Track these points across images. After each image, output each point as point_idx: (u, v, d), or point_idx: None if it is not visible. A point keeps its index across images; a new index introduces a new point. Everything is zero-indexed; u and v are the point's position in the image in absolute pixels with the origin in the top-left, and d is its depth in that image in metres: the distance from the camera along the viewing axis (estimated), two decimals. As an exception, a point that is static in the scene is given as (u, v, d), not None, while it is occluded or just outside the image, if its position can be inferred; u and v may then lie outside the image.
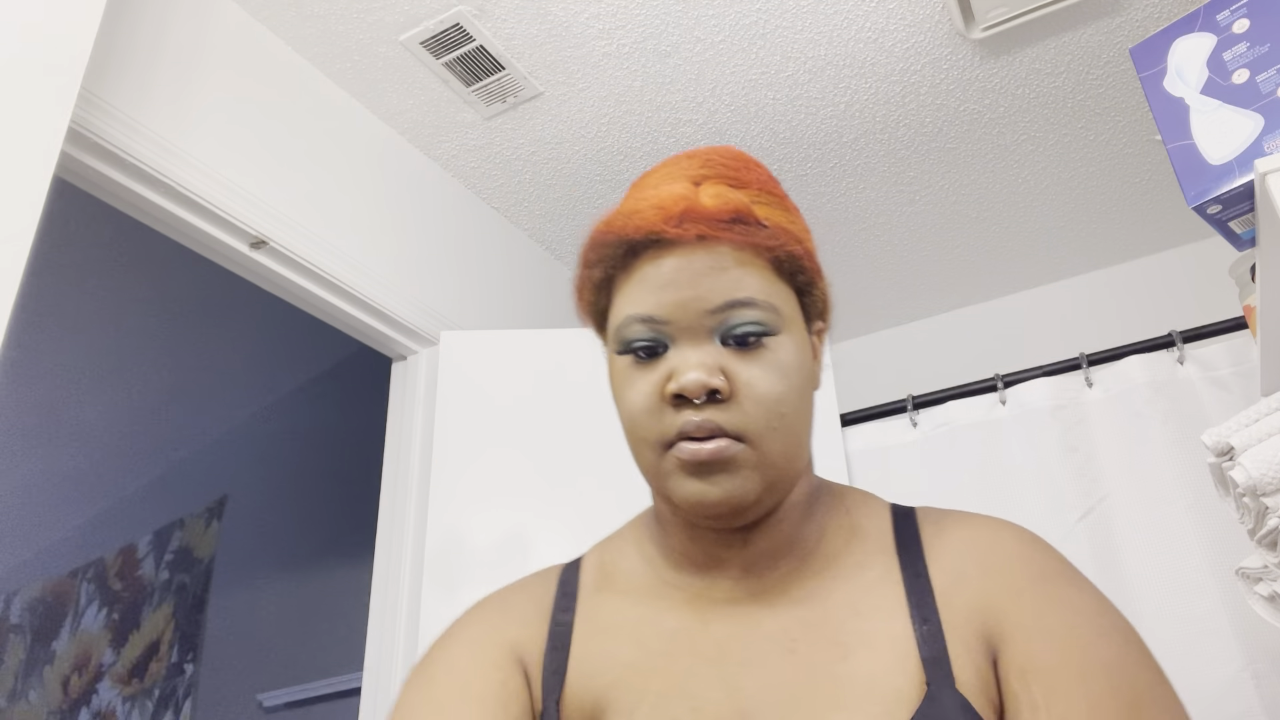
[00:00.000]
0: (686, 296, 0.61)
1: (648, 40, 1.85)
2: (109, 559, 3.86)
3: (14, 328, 1.08)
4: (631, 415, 0.63)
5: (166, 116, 1.52)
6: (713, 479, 0.60)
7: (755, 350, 0.61)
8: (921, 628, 0.61)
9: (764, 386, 0.61)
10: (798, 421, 0.63)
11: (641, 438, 0.63)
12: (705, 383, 0.59)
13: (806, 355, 0.66)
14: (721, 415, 0.60)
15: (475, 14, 1.77)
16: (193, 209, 1.56)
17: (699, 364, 0.60)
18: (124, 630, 3.62)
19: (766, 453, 0.61)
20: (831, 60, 1.91)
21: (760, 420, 0.60)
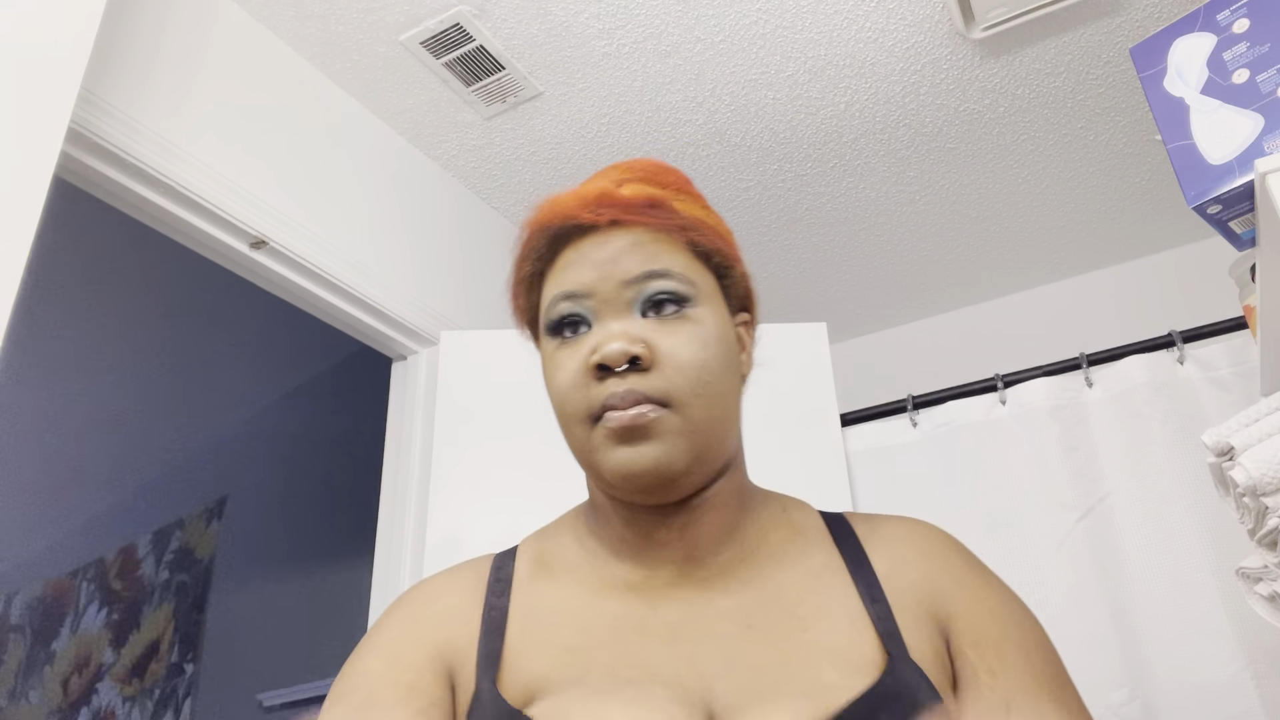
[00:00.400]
0: (605, 270, 0.64)
1: (648, 40, 1.85)
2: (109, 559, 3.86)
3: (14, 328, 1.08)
4: (560, 393, 0.65)
5: (166, 116, 1.52)
6: (638, 446, 0.61)
7: (675, 320, 0.63)
8: (872, 606, 0.63)
9: (686, 353, 0.62)
10: (723, 393, 0.64)
11: (570, 414, 0.64)
12: (626, 350, 0.60)
13: (728, 333, 0.68)
14: (644, 382, 0.61)
15: (475, 14, 1.77)
16: (193, 209, 1.56)
17: (620, 333, 0.62)
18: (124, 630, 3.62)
19: (691, 418, 0.62)
20: (831, 60, 1.91)
21: (683, 385, 0.61)
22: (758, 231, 2.42)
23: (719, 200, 2.30)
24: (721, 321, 0.67)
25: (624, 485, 0.63)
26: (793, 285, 2.65)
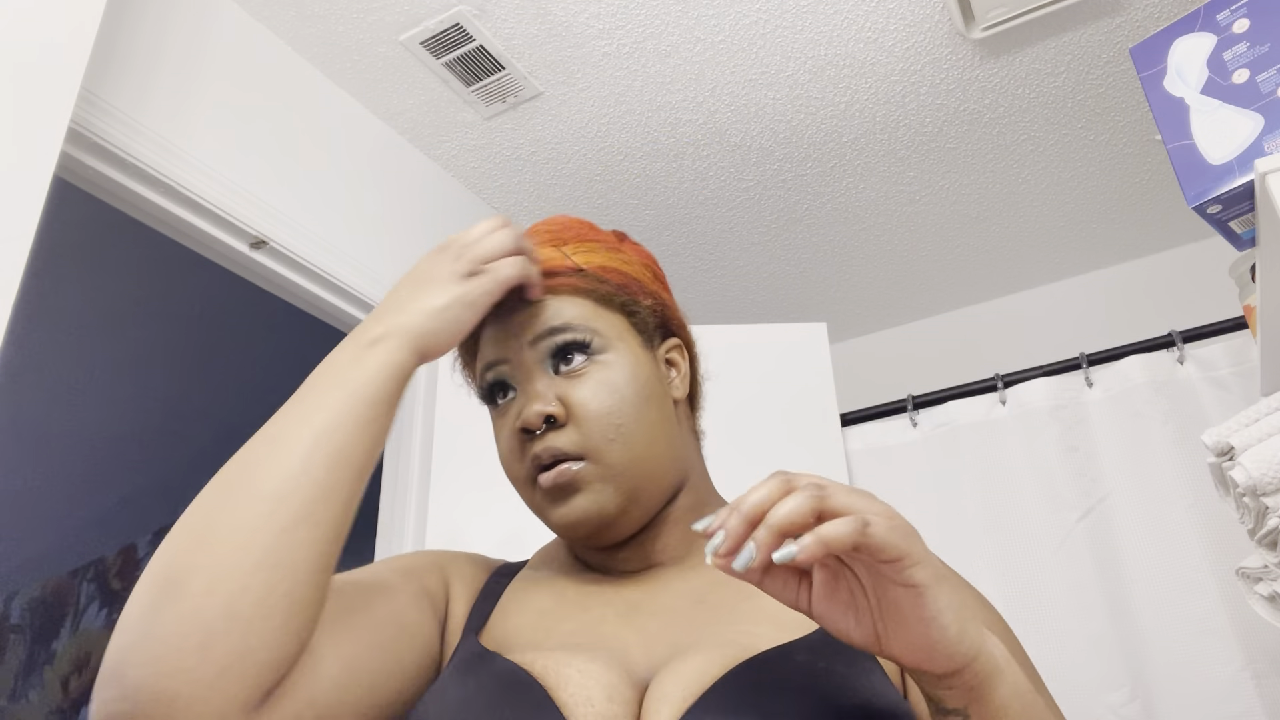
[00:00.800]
0: (514, 336, 0.69)
1: (648, 40, 1.85)
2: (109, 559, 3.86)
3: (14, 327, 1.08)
4: (504, 461, 0.71)
5: (166, 116, 1.52)
6: (569, 501, 0.66)
7: (584, 371, 0.68)
8: None
9: (595, 403, 0.67)
10: (641, 430, 0.68)
11: (514, 479, 0.70)
12: (540, 411, 0.66)
13: (644, 369, 0.71)
14: (560, 439, 0.66)
15: (475, 14, 1.77)
16: (193, 209, 1.56)
17: (535, 395, 0.67)
18: (124, 630, 3.61)
19: (611, 465, 0.66)
20: (831, 60, 1.91)
21: (596, 435, 0.66)
22: (758, 231, 2.42)
23: (719, 200, 2.30)
24: (634, 359, 0.70)
25: (569, 536, 0.69)
26: (793, 285, 2.65)
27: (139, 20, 1.52)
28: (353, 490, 0.58)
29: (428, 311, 0.64)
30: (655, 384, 0.72)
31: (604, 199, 2.28)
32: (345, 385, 0.61)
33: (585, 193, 2.25)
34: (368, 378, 0.61)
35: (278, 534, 0.53)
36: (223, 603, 0.50)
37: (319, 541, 0.55)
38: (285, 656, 0.52)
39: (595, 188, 2.24)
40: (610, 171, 2.19)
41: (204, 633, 0.49)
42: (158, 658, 0.49)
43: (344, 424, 0.58)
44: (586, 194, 2.26)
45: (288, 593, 0.52)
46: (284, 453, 0.57)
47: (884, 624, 0.48)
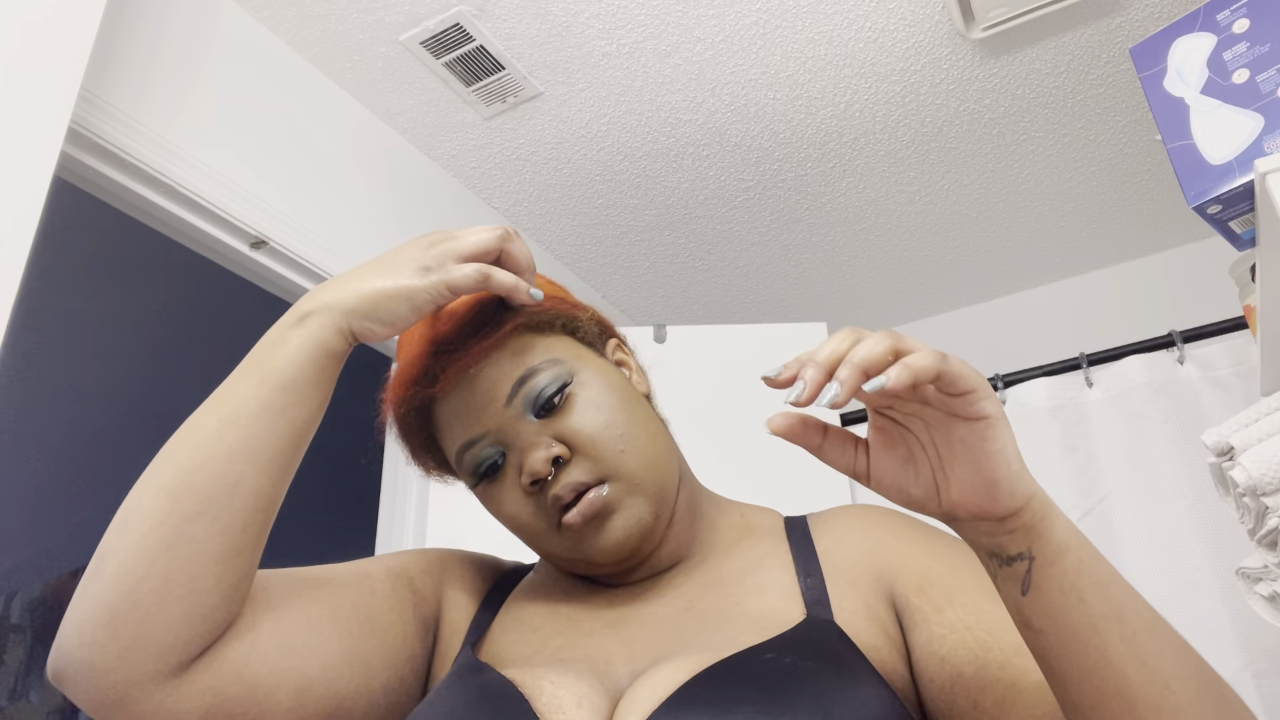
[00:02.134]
0: (482, 408, 0.66)
1: (648, 40, 1.85)
2: (109, 559, 3.86)
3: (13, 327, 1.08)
4: (516, 525, 0.68)
5: (166, 116, 1.52)
6: (606, 526, 0.65)
7: (565, 404, 0.66)
8: (805, 580, 0.66)
9: (590, 424, 0.66)
10: (639, 430, 0.68)
11: (534, 534, 0.68)
12: (546, 456, 0.64)
13: (612, 376, 0.70)
14: (576, 471, 0.64)
15: (475, 14, 1.77)
16: (193, 209, 1.56)
17: (531, 445, 0.65)
18: (124, 630, 3.61)
19: (631, 474, 0.65)
20: (831, 60, 1.91)
21: (607, 453, 0.65)
22: (758, 231, 2.42)
23: (719, 200, 2.30)
24: (600, 371, 0.70)
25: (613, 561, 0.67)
26: (793, 285, 2.65)
27: (139, 20, 1.52)
28: (260, 481, 0.58)
29: (364, 292, 0.62)
30: (627, 386, 0.71)
31: (604, 199, 2.28)
32: (260, 369, 0.60)
33: (585, 193, 2.25)
34: (284, 361, 0.60)
35: (177, 526, 0.55)
36: (127, 588, 0.54)
37: (221, 533, 0.56)
38: (192, 638, 0.55)
39: (595, 188, 2.24)
40: (610, 171, 2.19)
41: (110, 612, 0.54)
42: (79, 629, 0.54)
43: (251, 412, 0.58)
44: (586, 194, 2.26)
45: (187, 582, 0.55)
46: (189, 444, 0.58)
47: (945, 471, 0.49)
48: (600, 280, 2.60)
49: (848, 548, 0.68)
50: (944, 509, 0.49)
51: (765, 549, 0.70)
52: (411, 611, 0.68)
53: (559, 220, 2.35)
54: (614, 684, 0.59)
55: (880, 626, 0.63)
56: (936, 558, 0.65)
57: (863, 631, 0.61)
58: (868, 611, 0.63)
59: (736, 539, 0.73)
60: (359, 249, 1.85)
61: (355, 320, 0.62)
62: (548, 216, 2.33)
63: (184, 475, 0.56)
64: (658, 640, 0.63)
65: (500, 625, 0.70)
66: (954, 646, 0.60)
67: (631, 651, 0.63)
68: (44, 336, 2.76)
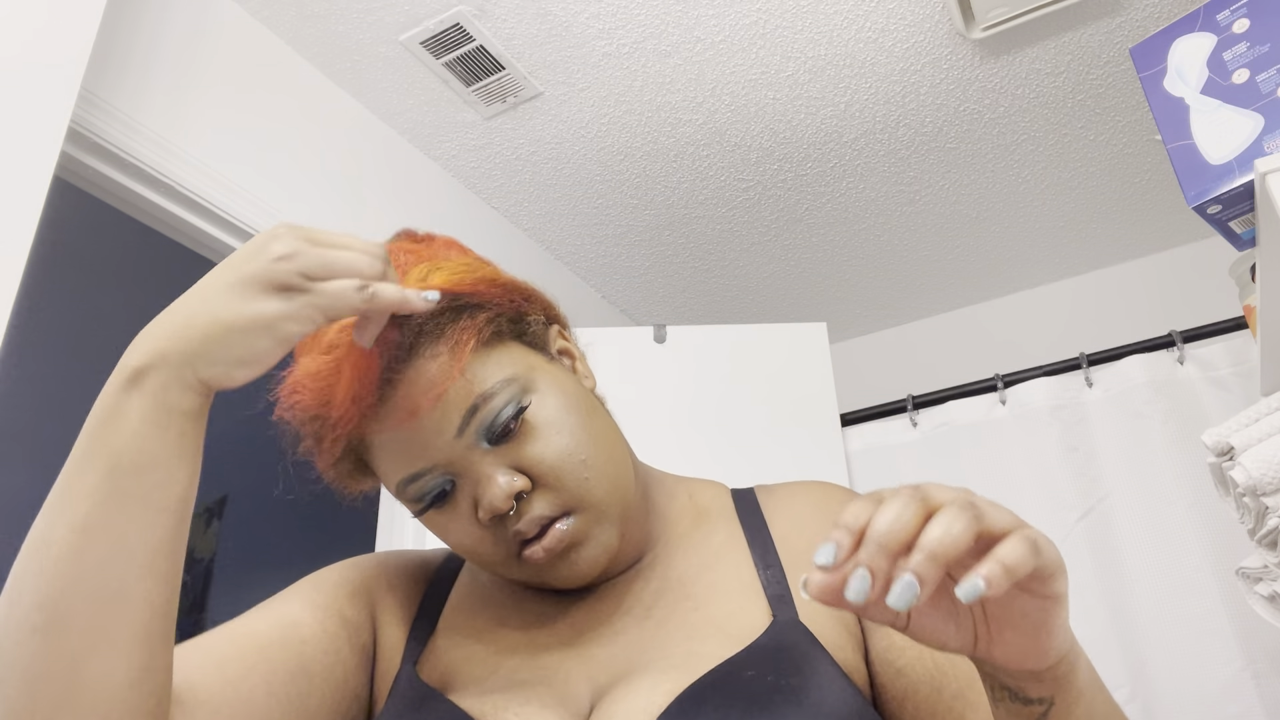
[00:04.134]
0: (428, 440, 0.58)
1: (648, 40, 1.85)
2: (109, 559, 3.86)
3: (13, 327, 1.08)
4: (470, 553, 0.62)
5: (166, 116, 1.52)
6: (571, 559, 0.60)
7: (521, 429, 0.59)
8: (765, 572, 0.63)
9: (552, 453, 0.59)
10: (601, 452, 0.62)
11: (490, 563, 0.62)
12: (506, 493, 0.57)
13: (569, 385, 0.64)
14: (539, 504, 0.59)
15: (475, 14, 1.77)
16: (193, 209, 1.56)
17: (488, 480, 0.58)
18: (124, 630, 3.61)
19: (597, 504, 0.60)
20: (831, 60, 1.91)
21: (571, 482, 0.59)
22: (758, 231, 2.42)
23: (719, 200, 2.30)
24: (555, 382, 0.62)
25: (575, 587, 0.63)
26: (793, 285, 2.65)
27: (138, 20, 1.52)
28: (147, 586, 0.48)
29: (208, 331, 0.49)
30: (581, 394, 0.64)
31: (604, 199, 2.28)
32: (104, 453, 0.49)
33: (585, 193, 2.25)
34: (129, 438, 0.49)
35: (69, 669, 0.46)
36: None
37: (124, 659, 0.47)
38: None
39: (595, 188, 2.24)
40: (610, 171, 2.19)
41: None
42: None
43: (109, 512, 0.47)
44: (586, 194, 2.26)
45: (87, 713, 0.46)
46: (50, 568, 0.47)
47: (991, 629, 0.45)
48: (600, 280, 2.60)
49: (805, 533, 0.66)
50: (983, 656, 0.46)
51: (719, 537, 0.68)
52: (348, 647, 0.63)
53: (559, 220, 2.35)
54: (576, 707, 0.57)
55: (843, 623, 0.61)
56: None
57: (827, 628, 0.60)
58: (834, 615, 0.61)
59: (689, 527, 0.69)
60: (359, 249, 1.85)
61: (203, 368, 0.50)
62: (547, 216, 2.33)
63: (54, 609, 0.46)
64: (620, 655, 0.60)
65: (444, 638, 0.65)
66: (911, 661, 0.59)
67: (591, 670, 0.60)
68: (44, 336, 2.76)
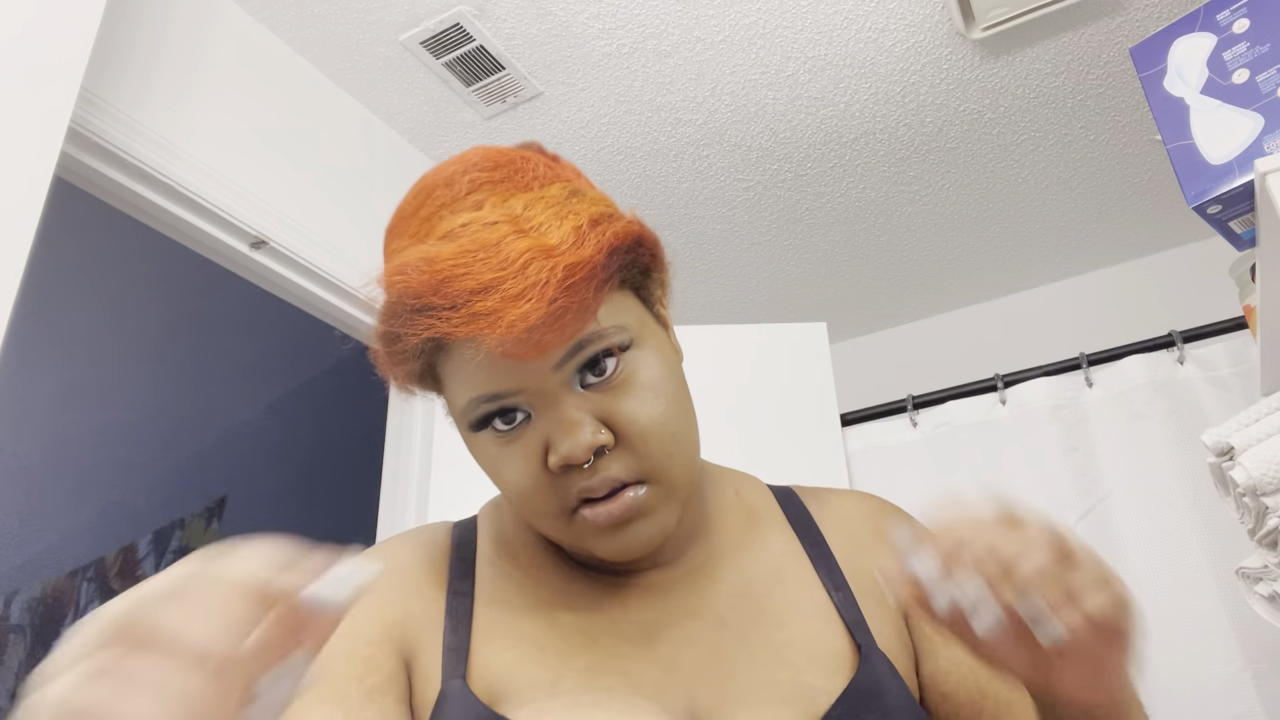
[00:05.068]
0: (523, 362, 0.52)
1: (648, 40, 1.85)
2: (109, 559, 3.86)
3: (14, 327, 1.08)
4: (520, 494, 0.56)
5: (166, 116, 1.52)
6: (631, 530, 0.56)
7: (620, 381, 0.55)
8: (836, 594, 0.62)
9: (646, 417, 0.55)
10: (689, 428, 0.58)
11: (537, 512, 0.57)
12: (590, 444, 0.52)
13: (668, 351, 0.60)
14: (616, 465, 0.54)
15: (475, 14, 1.77)
16: (193, 209, 1.56)
17: (573, 425, 0.53)
18: (124, 630, 3.61)
19: (673, 481, 0.56)
20: (831, 60, 1.91)
21: (657, 454, 0.55)
22: (758, 231, 2.42)
23: (719, 200, 2.30)
24: (659, 345, 0.58)
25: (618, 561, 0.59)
26: (793, 285, 2.65)
27: (139, 20, 1.52)
28: None
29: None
30: (677, 363, 0.60)
31: (604, 199, 2.28)
32: None
33: (585, 193, 2.25)
34: None
35: None
36: None
37: None
38: None
39: (595, 188, 2.24)
40: (610, 171, 2.19)
41: None
42: None
43: None
44: (586, 194, 2.26)
45: None
46: None
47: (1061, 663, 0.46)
48: (600, 280, 2.60)
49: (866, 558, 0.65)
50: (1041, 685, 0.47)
51: (778, 546, 0.65)
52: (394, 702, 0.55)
53: (559, 220, 2.35)
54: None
55: (905, 649, 0.61)
56: None
57: (899, 658, 0.60)
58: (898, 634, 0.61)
59: (741, 528, 0.66)
60: (359, 249, 1.85)
61: None
62: (548, 216, 2.33)
63: None
64: (706, 668, 0.57)
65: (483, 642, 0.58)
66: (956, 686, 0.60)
67: (684, 680, 0.56)
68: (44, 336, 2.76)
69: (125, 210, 1.55)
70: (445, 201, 0.56)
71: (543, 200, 0.54)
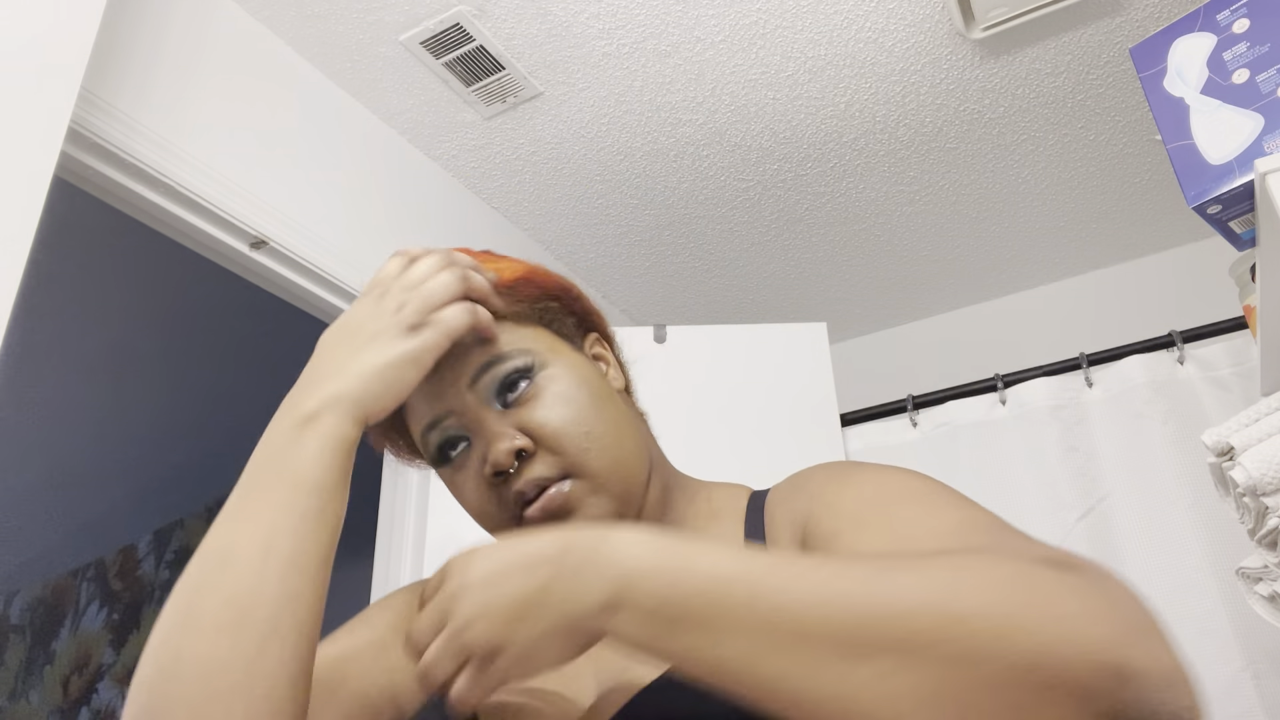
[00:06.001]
0: (446, 387, 0.65)
1: (648, 40, 1.85)
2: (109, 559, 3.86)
3: (13, 328, 1.08)
4: (481, 515, 0.67)
5: (166, 116, 1.52)
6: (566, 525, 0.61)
7: (531, 394, 0.65)
8: None
9: (556, 419, 0.64)
10: (608, 428, 0.66)
11: (495, 528, 0.66)
12: (509, 449, 0.62)
13: (585, 370, 0.69)
14: (537, 468, 0.63)
15: (475, 14, 1.77)
16: (193, 209, 1.56)
17: (495, 435, 0.63)
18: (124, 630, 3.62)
19: (594, 473, 0.64)
20: (831, 60, 1.91)
21: (571, 450, 0.63)
22: (758, 231, 2.42)
23: (719, 200, 2.30)
24: (573, 365, 0.68)
25: None
26: (793, 285, 2.65)
27: (139, 20, 1.52)
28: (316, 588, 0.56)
29: (368, 374, 0.60)
30: (600, 382, 0.70)
31: (604, 199, 2.28)
32: (285, 476, 0.57)
33: (585, 193, 2.25)
34: (309, 464, 0.58)
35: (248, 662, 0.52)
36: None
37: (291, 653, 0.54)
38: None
39: (595, 188, 2.24)
40: (610, 171, 2.19)
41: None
42: None
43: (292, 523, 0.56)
44: (586, 194, 2.26)
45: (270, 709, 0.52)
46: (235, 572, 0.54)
47: None
48: (600, 280, 2.60)
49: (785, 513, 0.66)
50: None
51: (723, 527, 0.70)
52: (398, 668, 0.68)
53: (559, 220, 2.35)
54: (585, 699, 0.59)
55: None
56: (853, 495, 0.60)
57: None
58: None
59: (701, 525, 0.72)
60: (359, 249, 1.85)
61: (370, 404, 0.61)
62: (548, 216, 2.33)
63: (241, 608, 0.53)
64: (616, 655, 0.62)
65: None
66: None
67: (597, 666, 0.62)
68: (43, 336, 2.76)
69: (125, 210, 1.55)
70: None
71: None
